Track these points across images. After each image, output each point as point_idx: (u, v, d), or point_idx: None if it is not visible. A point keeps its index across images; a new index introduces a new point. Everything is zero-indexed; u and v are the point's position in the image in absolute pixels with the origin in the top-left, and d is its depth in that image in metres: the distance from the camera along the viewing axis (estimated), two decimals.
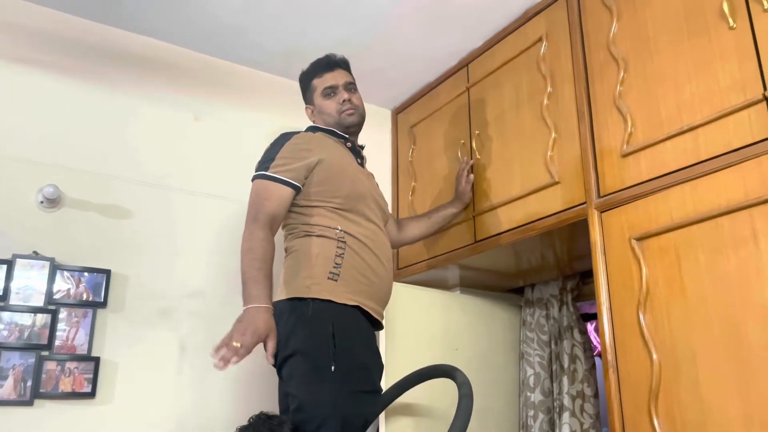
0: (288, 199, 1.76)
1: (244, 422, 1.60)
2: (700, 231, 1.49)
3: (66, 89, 2.13)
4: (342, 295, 1.68)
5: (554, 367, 2.40)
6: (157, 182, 2.20)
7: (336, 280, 1.69)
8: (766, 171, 1.37)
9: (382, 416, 2.04)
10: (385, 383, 2.01)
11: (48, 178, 1.98)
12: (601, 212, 1.74)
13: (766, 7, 1.43)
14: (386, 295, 1.84)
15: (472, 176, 2.24)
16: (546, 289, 2.52)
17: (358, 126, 1.95)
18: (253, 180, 1.78)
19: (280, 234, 1.77)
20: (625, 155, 1.70)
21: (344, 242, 1.74)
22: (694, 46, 1.58)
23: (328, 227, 1.76)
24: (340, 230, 1.75)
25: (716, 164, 1.48)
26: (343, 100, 1.90)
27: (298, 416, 1.59)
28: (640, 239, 1.63)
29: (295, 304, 1.67)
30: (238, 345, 1.52)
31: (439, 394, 2.01)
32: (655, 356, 1.53)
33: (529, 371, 2.44)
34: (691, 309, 1.47)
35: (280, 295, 1.71)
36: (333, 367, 1.58)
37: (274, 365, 1.64)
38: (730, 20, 1.50)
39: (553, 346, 2.44)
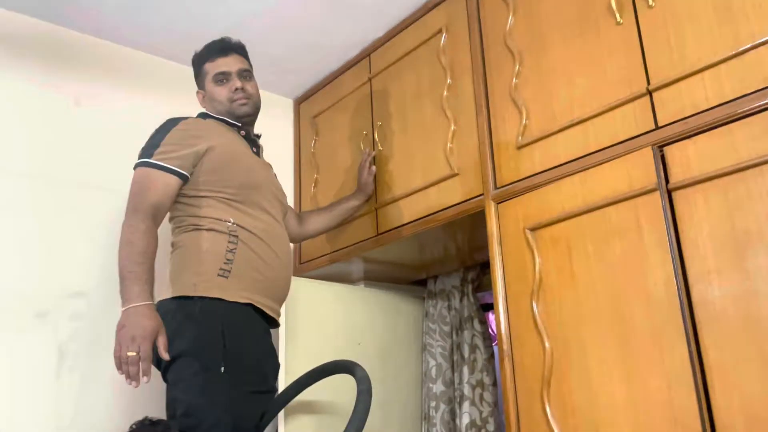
0: (174, 188, 1.65)
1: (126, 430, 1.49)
2: (588, 221, 1.53)
3: None
4: (233, 292, 1.60)
5: (455, 358, 2.42)
6: (25, 172, 2.01)
7: (227, 277, 1.60)
8: (649, 162, 1.42)
9: (280, 416, 1.97)
10: (285, 382, 1.96)
11: None
12: (498, 203, 1.76)
13: (651, 4, 1.48)
14: (282, 291, 1.77)
15: (374, 168, 2.21)
16: (448, 281, 2.54)
17: (252, 116, 1.86)
18: (135, 168, 1.66)
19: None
20: (520, 147, 1.73)
21: (236, 236, 1.65)
22: (586, 41, 1.62)
23: (219, 220, 1.66)
24: (232, 223, 1.67)
25: (604, 156, 1.52)
26: (236, 89, 1.81)
27: (186, 421, 1.50)
28: (533, 229, 1.65)
29: (182, 302, 1.57)
30: (134, 354, 1.42)
31: (340, 390, 1.97)
32: (547, 344, 1.55)
33: (431, 362, 2.45)
34: (580, 297, 1.51)
35: (165, 293, 1.61)
36: (222, 368, 1.50)
37: (169, 360, 1.52)
38: (618, 16, 1.54)
39: (454, 336, 2.46)
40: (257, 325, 1.65)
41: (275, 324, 1.75)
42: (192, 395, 1.51)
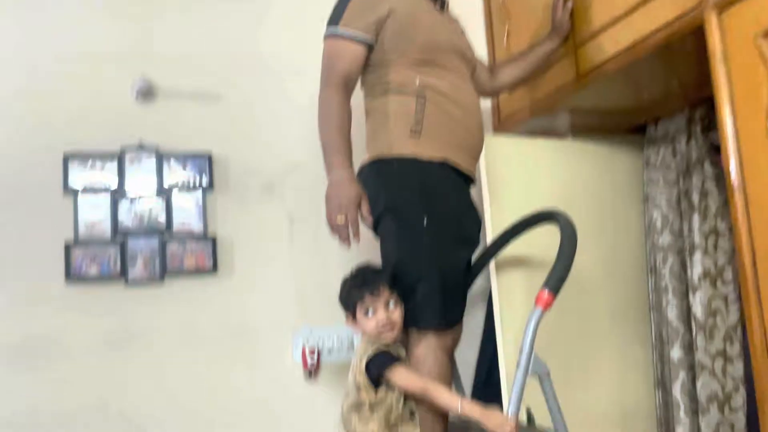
0: (361, 57, 1.67)
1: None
2: None
3: None
4: (426, 150, 1.61)
5: (683, 206, 2.18)
6: (244, 61, 2.20)
7: (418, 137, 1.61)
8: None
9: (492, 271, 2.00)
10: (491, 236, 1.96)
11: (139, 69, 2.05)
12: (720, 12, 1.46)
13: None
14: (475, 148, 1.74)
15: (570, 3, 1.98)
16: (671, 124, 2.25)
17: None
18: (324, 40, 1.70)
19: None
20: None
21: (424, 96, 1.64)
22: None
23: (405, 82, 1.66)
24: (419, 84, 1.65)
25: None
26: None
27: (397, 271, 1.59)
28: (767, 35, 1.35)
29: (380, 164, 1.64)
30: (342, 220, 1.55)
31: (552, 244, 1.91)
32: None
33: (656, 213, 2.25)
34: None
35: (364, 158, 1.68)
36: (425, 221, 1.55)
37: (372, 225, 1.64)
38: None
39: (680, 184, 2.20)
40: (453, 180, 1.66)
41: (471, 181, 1.74)
42: (399, 249, 1.60)
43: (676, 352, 2.10)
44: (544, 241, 1.90)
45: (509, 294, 2.00)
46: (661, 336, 2.19)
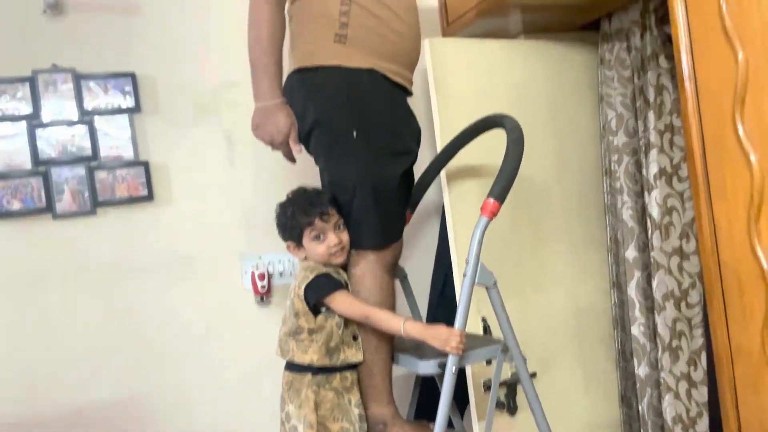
0: None
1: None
2: None
3: None
4: (353, 58, 1.49)
5: (638, 104, 2.10)
6: None
7: (344, 43, 1.48)
8: None
9: (443, 179, 1.92)
10: (442, 146, 1.87)
11: None
12: None
13: None
14: (410, 55, 1.61)
15: None
16: (625, 17, 2.13)
17: None
18: None
19: None
20: None
21: None
22: None
23: None
24: None
25: None
26: None
27: (332, 188, 1.52)
28: None
29: (305, 75, 1.52)
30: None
31: (502, 148, 1.84)
32: (741, 54, 1.22)
33: (610, 114, 2.17)
34: None
35: (289, 67, 1.55)
36: (355, 133, 1.45)
37: (302, 150, 1.57)
38: None
39: (636, 80, 2.12)
40: (386, 89, 1.55)
41: (406, 91, 1.63)
42: (331, 163, 1.52)
43: (631, 252, 2.09)
44: (496, 148, 1.82)
45: (462, 205, 1.93)
46: (616, 238, 2.17)
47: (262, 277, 2.01)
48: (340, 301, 1.42)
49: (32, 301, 1.83)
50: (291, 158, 1.60)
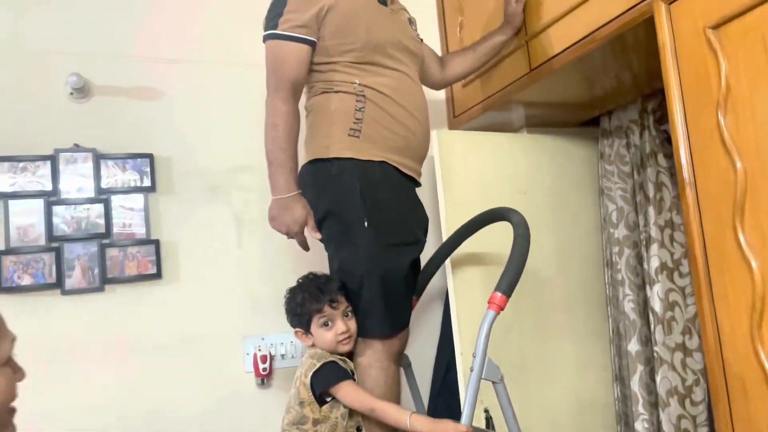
0: (307, 57, 1.60)
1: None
2: None
3: None
4: (366, 152, 1.56)
5: (638, 199, 2.17)
6: (181, 57, 2.10)
7: (358, 137, 1.55)
8: None
9: (447, 268, 1.95)
10: (447, 236, 1.91)
11: (72, 67, 1.93)
12: (669, 2, 1.43)
13: None
14: (419, 149, 1.68)
15: None
16: (624, 115, 2.23)
17: None
18: (264, 41, 1.62)
19: None
20: None
21: (363, 95, 1.58)
22: None
23: (346, 82, 1.60)
24: (358, 84, 1.59)
25: None
26: None
27: (341, 275, 1.55)
28: (717, 27, 1.32)
29: (319, 165, 1.58)
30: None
31: (506, 239, 1.88)
32: (738, 164, 1.28)
33: (611, 206, 2.23)
34: None
35: (304, 159, 1.62)
36: (366, 223, 1.49)
37: (321, 238, 1.61)
38: None
39: (635, 176, 2.19)
40: (396, 180, 1.61)
41: (416, 183, 1.69)
42: (342, 251, 1.55)
43: (633, 346, 2.09)
44: (500, 238, 1.86)
45: (466, 292, 1.96)
46: (618, 330, 2.18)
47: (264, 359, 2.00)
48: (347, 392, 1.42)
49: (35, 375, 1.82)
50: (305, 246, 1.64)
